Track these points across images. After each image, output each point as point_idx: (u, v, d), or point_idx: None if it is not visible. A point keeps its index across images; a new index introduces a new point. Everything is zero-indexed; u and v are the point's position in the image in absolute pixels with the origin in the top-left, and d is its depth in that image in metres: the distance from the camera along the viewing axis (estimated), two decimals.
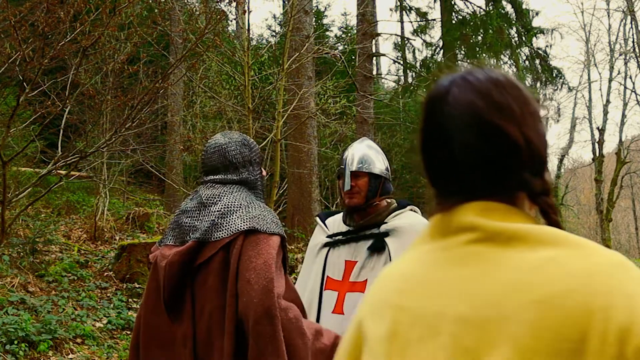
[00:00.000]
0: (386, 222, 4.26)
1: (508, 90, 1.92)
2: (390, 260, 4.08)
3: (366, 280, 4.07)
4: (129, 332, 10.46)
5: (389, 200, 4.34)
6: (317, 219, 4.52)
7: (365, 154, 4.28)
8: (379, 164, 4.29)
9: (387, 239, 4.17)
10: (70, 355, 9.10)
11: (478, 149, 1.83)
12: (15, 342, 8.59)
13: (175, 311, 3.46)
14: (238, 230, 3.32)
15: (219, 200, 3.52)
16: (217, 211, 3.45)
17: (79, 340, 9.55)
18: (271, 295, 3.17)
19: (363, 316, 2.09)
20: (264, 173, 3.92)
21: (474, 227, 1.86)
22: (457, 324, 1.73)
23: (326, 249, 4.24)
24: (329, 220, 4.43)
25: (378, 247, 4.15)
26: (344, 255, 4.18)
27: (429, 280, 1.90)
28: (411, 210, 4.46)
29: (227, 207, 3.45)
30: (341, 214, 4.48)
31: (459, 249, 1.88)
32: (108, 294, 11.59)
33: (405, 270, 2.05)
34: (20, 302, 9.62)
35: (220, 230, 3.38)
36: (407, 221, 4.32)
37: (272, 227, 3.38)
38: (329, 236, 4.31)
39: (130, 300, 11.57)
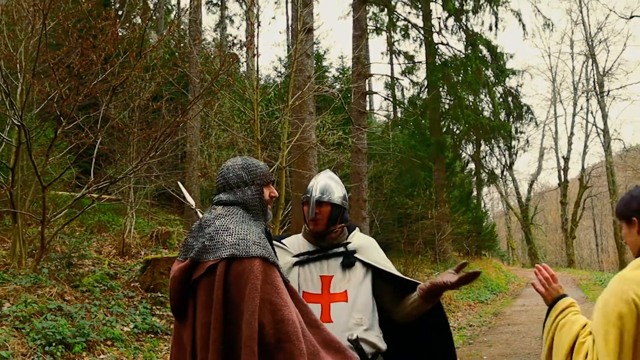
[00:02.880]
0: (350, 242, 4.35)
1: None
2: (367, 269, 4.28)
3: (345, 290, 4.17)
4: (153, 336, 10.45)
5: (344, 225, 4.41)
6: (278, 242, 4.53)
7: (328, 184, 4.36)
8: (339, 194, 4.37)
9: (356, 255, 4.29)
10: (102, 356, 9.09)
11: None
12: (53, 344, 8.59)
13: (181, 317, 3.49)
14: (220, 256, 3.31)
15: (212, 223, 3.51)
16: (208, 234, 3.45)
17: (109, 342, 9.54)
18: (251, 328, 3.16)
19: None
20: (275, 194, 3.91)
21: None
22: None
23: (296, 267, 4.27)
24: (285, 242, 4.48)
25: (350, 262, 4.25)
26: (316, 271, 4.21)
27: None
28: (358, 230, 4.58)
29: (216, 230, 3.45)
30: (295, 236, 4.55)
31: None
32: (134, 302, 11.57)
33: None
34: (58, 309, 9.61)
35: (207, 253, 3.38)
36: (365, 240, 4.48)
37: (251, 250, 3.34)
38: (295, 255, 4.35)
39: (154, 307, 11.56)
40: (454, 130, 37.01)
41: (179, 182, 5.76)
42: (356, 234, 4.50)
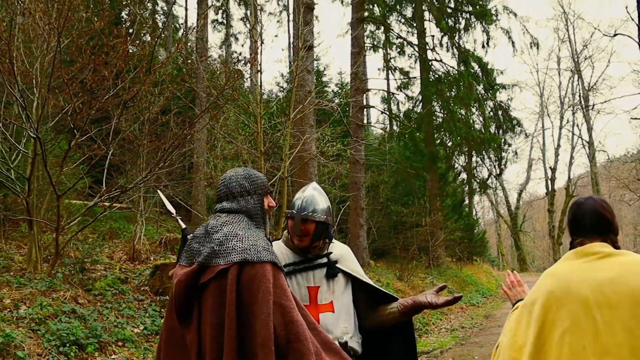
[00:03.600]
0: (332, 252, 4.34)
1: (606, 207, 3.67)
2: (347, 279, 4.34)
3: (331, 301, 4.17)
4: None
5: (327, 241, 4.39)
6: None
7: (314, 198, 4.29)
8: (323, 208, 4.28)
9: (338, 265, 4.29)
10: (113, 356, 9.08)
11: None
12: (67, 345, 8.58)
13: (185, 320, 3.47)
14: (232, 261, 3.31)
15: (220, 230, 3.52)
16: (217, 239, 3.45)
17: (120, 343, 9.53)
18: (266, 329, 3.17)
19: (551, 299, 3.37)
20: (272, 204, 3.93)
21: (600, 251, 3.45)
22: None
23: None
24: None
25: (334, 273, 4.25)
26: (303, 282, 4.18)
27: (583, 277, 3.35)
28: (334, 239, 4.57)
29: (225, 236, 3.45)
30: (277, 244, 4.41)
31: (595, 262, 3.41)
32: (144, 305, 11.56)
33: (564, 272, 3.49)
34: (72, 311, 9.60)
35: (217, 257, 3.38)
36: (343, 249, 4.49)
37: (262, 255, 3.36)
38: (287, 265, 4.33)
39: (162, 310, 11.53)
40: (447, 142, 37.02)
41: (158, 191, 5.76)
42: (335, 243, 4.50)
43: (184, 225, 4.45)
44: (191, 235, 3.75)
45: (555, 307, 3.30)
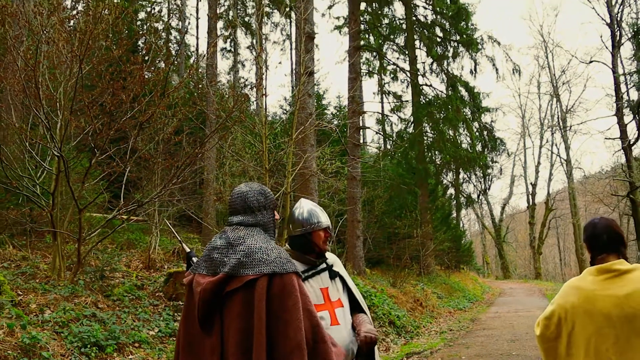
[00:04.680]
0: (327, 258, 4.49)
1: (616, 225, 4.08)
2: (343, 281, 4.50)
3: (339, 298, 4.34)
4: (174, 339, 10.44)
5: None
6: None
7: (323, 214, 4.49)
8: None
9: (334, 268, 4.47)
10: (130, 357, 9.07)
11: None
12: (88, 346, 8.58)
13: (207, 326, 3.45)
14: (262, 272, 3.30)
15: (243, 242, 3.49)
16: (242, 251, 3.43)
17: (136, 344, 9.52)
18: (300, 333, 3.20)
19: (577, 309, 3.89)
20: (277, 217, 3.93)
21: (618, 269, 3.85)
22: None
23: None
24: None
25: (335, 274, 4.44)
26: (316, 285, 4.29)
27: (606, 294, 3.80)
28: None
29: (250, 248, 3.43)
30: None
31: (615, 279, 3.84)
32: (159, 310, 11.55)
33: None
34: (92, 315, 9.59)
35: (245, 268, 3.36)
36: (333, 257, 4.63)
37: (288, 267, 3.37)
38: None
39: (176, 314, 11.52)
40: (437, 160, 37.03)
41: (165, 220, 5.81)
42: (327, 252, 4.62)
43: (188, 249, 4.45)
44: (208, 245, 3.75)
45: (581, 317, 3.88)
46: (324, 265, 4.43)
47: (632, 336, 3.70)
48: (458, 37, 34.91)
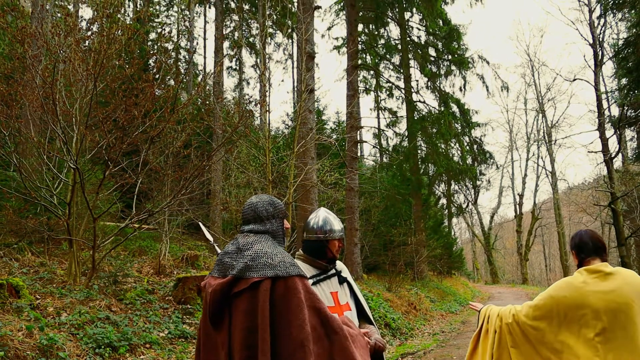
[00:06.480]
0: (335, 264, 4.54)
1: (598, 234, 4.56)
2: (350, 287, 4.55)
3: (347, 302, 4.39)
4: (183, 340, 10.42)
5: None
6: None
7: (338, 223, 4.55)
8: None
9: (342, 274, 4.53)
10: (142, 357, 9.07)
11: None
12: (102, 347, 8.58)
13: (217, 324, 3.50)
14: (266, 275, 3.33)
15: (251, 247, 3.54)
16: (249, 255, 3.47)
17: (147, 345, 9.52)
18: (303, 332, 3.22)
19: (569, 300, 4.27)
20: (287, 225, 3.96)
21: (604, 270, 4.26)
22: None
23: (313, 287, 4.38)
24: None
25: (344, 279, 4.49)
26: (327, 289, 4.33)
27: (595, 290, 4.19)
28: None
29: (257, 253, 3.47)
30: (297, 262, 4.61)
31: (603, 278, 4.24)
32: (168, 313, 11.53)
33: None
34: (106, 318, 9.60)
35: (251, 271, 3.39)
36: (340, 264, 4.67)
37: (291, 270, 3.40)
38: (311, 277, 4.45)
39: (184, 317, 11.51)
40: (430, 172, 37.11)
41: (200, 223, 5.77)
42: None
43: (219, 250, 4.48)
44: (221, 251, 3.78)
45: (573, 309, 4.28)
46: (333, 271, 4.49)
47: (617, 328, 4.14)
48: (450, 57, 35.08)
